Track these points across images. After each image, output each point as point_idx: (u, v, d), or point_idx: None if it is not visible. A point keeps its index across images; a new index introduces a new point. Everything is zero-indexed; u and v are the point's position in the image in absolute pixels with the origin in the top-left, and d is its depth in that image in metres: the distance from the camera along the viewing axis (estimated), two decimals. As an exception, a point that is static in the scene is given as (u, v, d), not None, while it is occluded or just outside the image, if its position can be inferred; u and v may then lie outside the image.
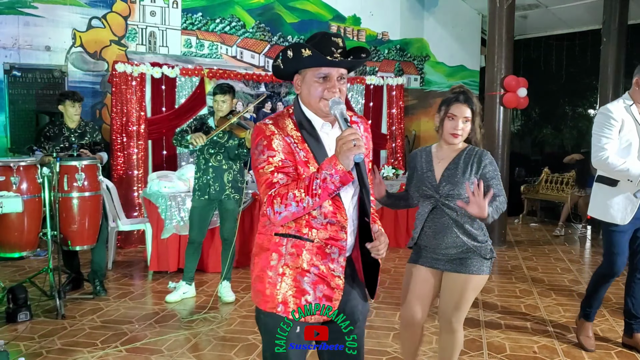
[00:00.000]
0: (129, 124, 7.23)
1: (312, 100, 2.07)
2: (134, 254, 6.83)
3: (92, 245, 5.06)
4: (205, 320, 4.54)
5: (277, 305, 2.05)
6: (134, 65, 7.22)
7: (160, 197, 5.80)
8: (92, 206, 4.98)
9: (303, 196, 1.93)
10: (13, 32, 7.13)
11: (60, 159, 4.85)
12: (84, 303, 4.95)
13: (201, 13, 8.22)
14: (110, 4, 7.64)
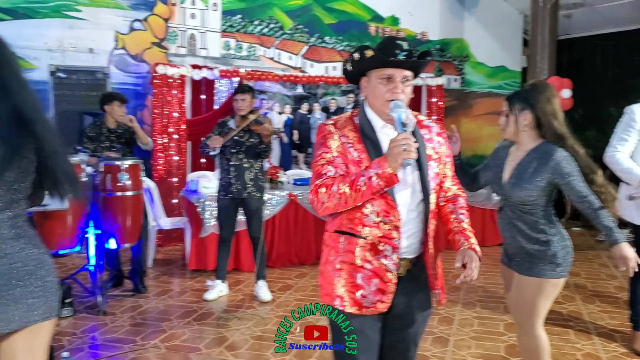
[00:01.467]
0: (169, 125, 7.34)
1: (376, 102, 2.12)
2: (173, 252, 6.93)
3: (133, 243, 5.15)
4: (242, 319, 4.57)
5: (334, 299, 2.14)
6: (174, 67, 7.32)
7: (199, 197, 5.87)
8: (134, 205, 5.06)
9: (347, 190, 2.00)
10: (58, 34, 7.32)
11: (104, 159, 4.96)
12: (125, 300, 5.04)
13: (240, 15, 8.29)
14: (151, 6, 7.78)
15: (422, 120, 2.24)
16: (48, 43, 7.26)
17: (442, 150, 2.24)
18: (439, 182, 2.23)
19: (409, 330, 2.23)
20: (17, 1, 7.09)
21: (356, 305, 2.11)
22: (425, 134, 2.21)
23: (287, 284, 5.61)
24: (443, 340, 4.22)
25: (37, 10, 7.19)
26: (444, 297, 2.25)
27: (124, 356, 3.83)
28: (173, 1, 7.88)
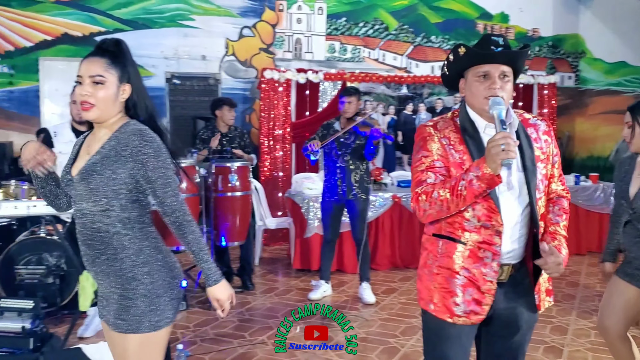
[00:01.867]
0: (275, 128, 7.52)
1: (475, 100, 2.05)
2: (279, 251, 7.09)
3: (242, 241, 5.33)
4: (355, 322, 4.58)
5: (429, 303, 2.10)
6: (280, 71, 7.51)
7: (304, 198, 5.98)
8: (243, 205, 5.24)
9: (448, 196, 1.94)
10: (174, 43, 7.73)
11: (216, 161, 5.18)
12: (234, 296, 5.21)
13: (345, 18, 8.36)
14: (259, 13, 8.03)
15: (527, 119, 2.14)
16: (164, 51, 7.69)
17: (550, 149, 2.13)
18: (547, 184, 2.13)
19: (515, 338, 2.13)
20: (137, 13, 7.57)
21: (448, 313, 2.05)
22: (532, 133, 2.10)
23: (391, 286, 5.57)
24: (556, 350, 4.01)
25: (155, 21, 7.64)
26: (544, 301, 2.14)
27: (233, 350, 3.97)
28: (280, 7, 8.09)
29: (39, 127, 6.70)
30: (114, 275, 1.98)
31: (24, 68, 7.25)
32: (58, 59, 7.31)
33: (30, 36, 7.25)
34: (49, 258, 4.50)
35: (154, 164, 1.95)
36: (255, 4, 8.01)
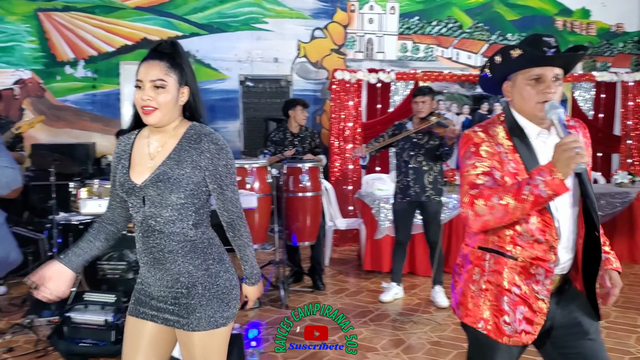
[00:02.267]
0: (346, 129, 7.52)
1: (526, 106, 1.94)
2: (349, 252, 7.08)
3: (312, 241, 5.36)
4: (419, 324, 4.52)
5: (478, 321, 1.99)
6: (351, 72, 7.50)
7: (374, 199, 5.94)
8: (313, 205, 5.27)
9: (510, 201, 1.81)
10: (247, 46, 7.88)
11: (287, 161, 5.24)
12: (304, 296, 5.25)
13: (418, 17, 8.26)
14: (331, 14, 8.05)
15: (568, 120, 2.02)
16: (238, 54, 7.85)
17: (589, 152, 2.04)
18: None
19: (584, 341, 1.98)
20: (212, 17, 7.77)
21: (498, 332, 1.94)
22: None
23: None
24: (642, 362, 3.80)
25: (229, 24, 7.81)
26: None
27: (304, 349, 3.99)
28: (352, 8, 8.09)
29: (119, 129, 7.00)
30: (179, 276, 1.98)
31: (106, 72, 7.58)
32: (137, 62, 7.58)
33: (112, 41, 7.58)
34: (130, 254, 4.67)
35: (224, 166, 1.97)
36: (327, 5, 8.05)
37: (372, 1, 8.16)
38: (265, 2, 7.87)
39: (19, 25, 7.33)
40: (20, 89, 7.38)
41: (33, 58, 7.41)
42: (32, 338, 4.12)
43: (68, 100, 7.50)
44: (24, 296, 5.04)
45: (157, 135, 2.01)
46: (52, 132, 7.41)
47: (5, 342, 4.05)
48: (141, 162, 2.00)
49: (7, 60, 7.33)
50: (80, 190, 5.21)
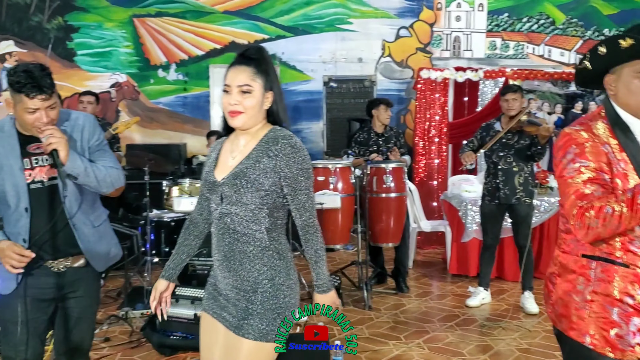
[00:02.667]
0: (431, 129, 7.40)
1: (633, 100, 1.81)
2: (433, 255, 6.96)
3: (396, 243, 5.30)
4: (507, 330, 4.37)
5: (585, 335, 1.85)
6: (438, 70, 7.36)
7: (461, 201, 5.79)
8: (397, 206, 5.21)
9: (624, 211, 1.67)
10: (332, 47, 7.91)
11: (371, 162, 5.20)
12: (388, 297, 5.21)
13: (507, 13, 8.00)
14: (417, 12, 7.95)
15: None
16: (322, 55, 7.90)
17: None
18: None
19: None
20: (298, 19, 7.86)
21: (609, 346, 1.79)
22: None
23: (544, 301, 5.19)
24: None
25: (314, 26, 7.87)
26: None
27: (388, 351, 3.95)
28: (438, 5, 7.95)
29: (208, 130, 7.22)
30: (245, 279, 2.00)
31: (196, 75, 7.84)
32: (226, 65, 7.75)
33: (201, 45, 7.83)
34: (218, 251, 4.80)
35: (299, 169, 1.97)
36: (413, 4, 7.95)
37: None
38: (350, 2, 7.88)
39: (116, 31, 7.72)
40: (116, 91, 7.77)
41: (128, 62, 7.78)
42: (126, 329, 4.32)
43: (161, 103, 7.82)
44: (119, 289, 5.29)
45: (242, 137, 2.07)
46: (146, 133, 7.75)
47: (102, 332, 4.27)
48: (225, 161, 2.09)
49: (104, 64, 7.73)
50: (172, 189, 5.42)
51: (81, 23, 7.65)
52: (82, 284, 2.46)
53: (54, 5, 7.58)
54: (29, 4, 7.55)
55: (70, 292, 2.44)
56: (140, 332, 4.18)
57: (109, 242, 2.55)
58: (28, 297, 2.34)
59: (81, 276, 2.45)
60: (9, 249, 2.22)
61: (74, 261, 2.42)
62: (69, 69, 7.62)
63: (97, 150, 2.45)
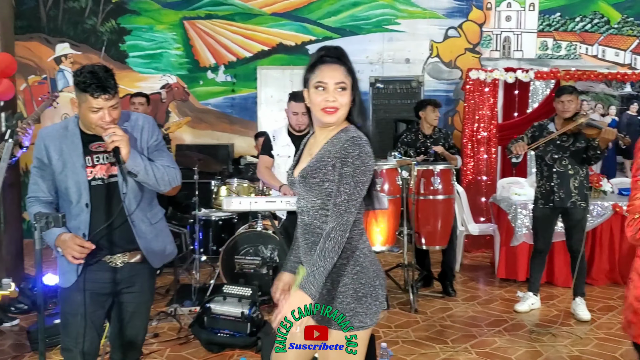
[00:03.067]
0: (480, 130, 7.28)
1: None
2: (481, 258, 6.85)
3: (443, 246, 5.23)
4: (557, 336, 4.26)
5: None
6: (487, 71, 7.25)
7: (511, 204, 5.68)
8: (445, 209, 5.15)
9: None
10: (379, 48, 7.89)
11: (418, 163, 5.15)
12: (434, 301, 5.15)
13: (559, 13, 7.81)
14: (466, 13, 7.84)
15: None
16: (369, 56, 7.88)
17: None
18: None
19: None
20: (345, 20, 7.86)
21: None
22: None
23: (609, 304, 5.05)
24: None
25: (362, 27, 7.86)
26: None
27: (435, 355, 3.91)
28: (488, 5, 7.82)
29: (256, 131, 7.30)
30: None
31: (244, 77, 7.94)
32: (273, 67, 7.87)
33: (249, 47, 7.92)
34: (264, 250, 4.86)
35: (348, 170, 1.94)
36: (462, 4, 7.84)
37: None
38: (398, 3, 7.83)
39: (167, 33, 7.88)
40: (166, 93, 7.93)
41: (178, 64, 7.93)
42: (175, 325, 4.40)
43: (209, 104, 7.94)
44: (168, 286, 5.40)
45: (320, 135, 2.10)
46: (195, 134, 7.89)
47: (151, 328, 4.36)
48: (305, 158, 2.16)
49: (155, 66, 7.91)
50: (220, 188, 5.50)
51: (133, 26, 7.84)
52: (138, 279, 2.53)
53: (107, 8, 7.80)
54: (84, 7, 7.79)
55: (126, 288, 2.52)
56: (188, 329, 4.26)
57: (165, 239, 2.61)
58: (87, 290, 2.42)
59: (137, 272, 2.52)
60: (71, 241, 2.30)
61: (131, 257, 2.50)
62: (121, 70, 7.82)
63: (155, 150, 2.54)
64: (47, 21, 7.75)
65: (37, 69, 7.78)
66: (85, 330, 2.42)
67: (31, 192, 2.46)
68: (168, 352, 3.95)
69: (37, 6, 7.72)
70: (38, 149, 2.42)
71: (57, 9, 7.78)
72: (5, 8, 5.44)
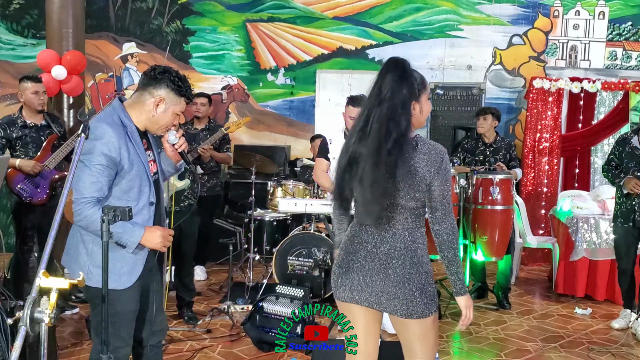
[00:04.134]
0: (542, 140, 7.10)
1: None
2: (538, 272, 6.66)
3: (500, 258, 5.12)
4: (617, 356, 4.10)
5: None
6: (551, 80, 7.06)
7: (572, 218, 5.51)
8: (503, 220, 5.03)
9: None
10: (440, 53, 7.79)
11: (477, 172, 5.06)
12: (488, 313, 5.04)
13: (631, 22, 7.52)
14: (532, 20, 7.65)
15: None
16: (430, 62, 7.79)
17: None
18: None
19: None
20: (407, 25, 7.81)
21: None
22: None
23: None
24: None
25: (423, 32, 7.79)
26: None
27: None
28: (555, 13, 7.62)
29: (312, 134, 7.33)
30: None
31: (303, 80, 7.99)
32: (332, 71, 7.89)
33: (309, 50, 7.97)
34: (317, 252, 4.87)
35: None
36: (528, 11, 7.66)
37: (579, 6, 7.59)
38: (461, 9, 7.72)
39: (229, 35, 8.02)
40: (227, 94, 8.07)
41: (240, 66, 8.05)
42: (227, 322, 4.47)
43: (268, 106, 8.03)
44: (222, 283, 5.49)
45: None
46: (254, 135, 7.99)
47: (204, 324, 4.44)
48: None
49: (217, 67, 8.05)
50: (276, 189, 5.55)
51: (197, 27, 8.01)
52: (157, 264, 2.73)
53: (173, 9, 8.00)
54: (151, 8, 8.02)
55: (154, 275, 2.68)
56: (240, 327, 4.31)
57: None
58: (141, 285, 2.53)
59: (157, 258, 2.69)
60: (165, 231, 2.45)
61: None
62: (184, 70, 7.95)
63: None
64: (116, 21, 8.01)
65: (105, 67, 8.05)
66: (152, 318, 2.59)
67: (91, 192, 2.28)
68: (220, 349, 4.02)
69: (107, 6, 7.99)
70: (110, 146, 2.30)
71: (125, 9, 8.03)
72: (78, 7, 5.67)
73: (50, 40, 5.59)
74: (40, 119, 4.46)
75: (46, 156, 4.36)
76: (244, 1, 7.95)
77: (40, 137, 4.41)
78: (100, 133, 2.30)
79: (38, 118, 4.44)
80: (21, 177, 4.28)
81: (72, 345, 4.02)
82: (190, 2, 7.97)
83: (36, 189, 4.32)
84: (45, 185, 4.36)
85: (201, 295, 5.24)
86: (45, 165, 4.31)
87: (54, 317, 1.59)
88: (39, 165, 4.28)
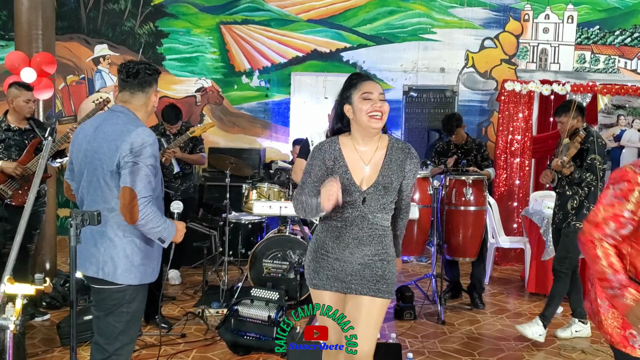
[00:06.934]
0: (514, 142, 7.20)
1: None
2: (511, 272, 6.75)
3: (473, 258, 5.18)
4: (588, 354, 4.18)
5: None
6: (522, 83, 7.16)
7: (543, 218, 5.59)
8: (476, 220, 5.10)
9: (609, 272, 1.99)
10: (413, 56, 7.86)
11: (450, 173, 5.11)
12: (462, 313, 5.09)
13: (598, 26, 7.68)
14: (503, 24, 7.77)
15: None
16: (404, 65, 7.86)
17: None
18: None
19: None
20: (380, 28, 7.85)
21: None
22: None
23: None
24: None
25: (397, 35, 7.84)
26: None
27: None
28: (526, 17, 7.74)
29: (287, 136, 7.33)
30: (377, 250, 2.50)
31: (278, 82, 7.99)
32: (307, 73, 7.90)
33: (284, 53, 7.97)
34: (292, 255, 4.86)
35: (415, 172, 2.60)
36: (499, 15, 7.77)
37: (549, 10, 7.73)
38: (434, 12, 7.80)
39: (203, 37, 7.98)
40: (201, 96, 8.03)
41: (214, 68, 8.02)
42: (202, 327, 4.44)
43: (243, 108, 8.01)
44: (196, 287, 5.45)
45: (366, 144, 2.51)
46: (228, 137, 7.96)
47: (178, 328, 4.40)
48: (357, 167, 2.49)
49: (191, 69, 8.01)
50: (251, 192, 5.54)
51: (171, 29, 7.96)
52: None
53: (146, 11, 7.93)
54: (123, 10, 7.94)
55: None
56: (215, 331, 4.29)
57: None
58: None
59: None
60: (181, 224, 2.68)
61: None
62: (158, 73, 7.94)
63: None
64: (87, 22, 7.92)
65: (76, 69, 7.95)
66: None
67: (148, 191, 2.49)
68: (194, 353, 3.99)
69: (78, 7, 7.90)
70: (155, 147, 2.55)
71: (97, 11, 7.94)
72: (48, 9, 5.57)
73: (19, 42, 5.48)
74: (24, 124, 4.45)
75: (29, 159, 4.33)
76: (218, 3, 7.91)
77: (23, 140, 4.40)
78: (148, 136, 2.52)
79: (23, 123, 4.44)
80: (2, 179, 4.25)
81: (43, 353, 3.95)
82: (163, 4, 7.92)
83: (18, 190, 4.29)
84: (27, 187, 4.31)
85: (175, 300, 5.19)
86: (27, 168, 4.29)
87: (19, 324, 1.56)
88: (20, 167, 4.25)
